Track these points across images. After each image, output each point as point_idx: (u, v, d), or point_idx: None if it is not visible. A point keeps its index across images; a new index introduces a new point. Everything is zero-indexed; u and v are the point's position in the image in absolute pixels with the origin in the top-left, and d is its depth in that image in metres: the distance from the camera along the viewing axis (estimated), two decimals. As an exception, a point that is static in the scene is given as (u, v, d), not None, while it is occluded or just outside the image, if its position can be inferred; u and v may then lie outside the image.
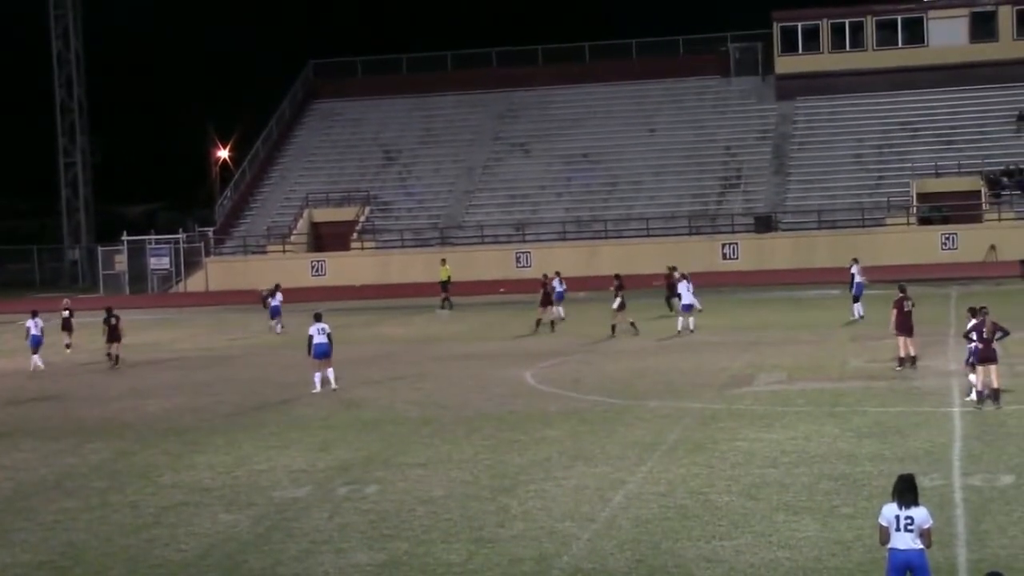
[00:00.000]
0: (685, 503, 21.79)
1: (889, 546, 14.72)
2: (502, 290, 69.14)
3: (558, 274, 54.01)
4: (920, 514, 14.68)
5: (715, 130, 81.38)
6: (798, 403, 31.10)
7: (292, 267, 74.79)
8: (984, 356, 29.67)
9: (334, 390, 35.31)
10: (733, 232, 72.40)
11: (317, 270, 76.67)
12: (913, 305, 35.89)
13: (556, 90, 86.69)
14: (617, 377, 37.01)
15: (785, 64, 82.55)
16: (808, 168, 76.88)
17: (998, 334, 29.76)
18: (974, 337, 29.90)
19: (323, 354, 35.47)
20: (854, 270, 49.59)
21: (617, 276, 49.26)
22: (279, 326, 53.87)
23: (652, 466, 24.69)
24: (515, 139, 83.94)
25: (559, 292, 52.62)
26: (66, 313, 49.66)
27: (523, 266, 71.87)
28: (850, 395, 31.88)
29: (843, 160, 76.61)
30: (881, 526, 14.82)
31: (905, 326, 35.57)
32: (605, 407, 31.83)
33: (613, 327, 47.07)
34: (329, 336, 35.41)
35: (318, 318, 35.81)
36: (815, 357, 39.31)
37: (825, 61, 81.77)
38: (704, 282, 57.92)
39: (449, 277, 64.33)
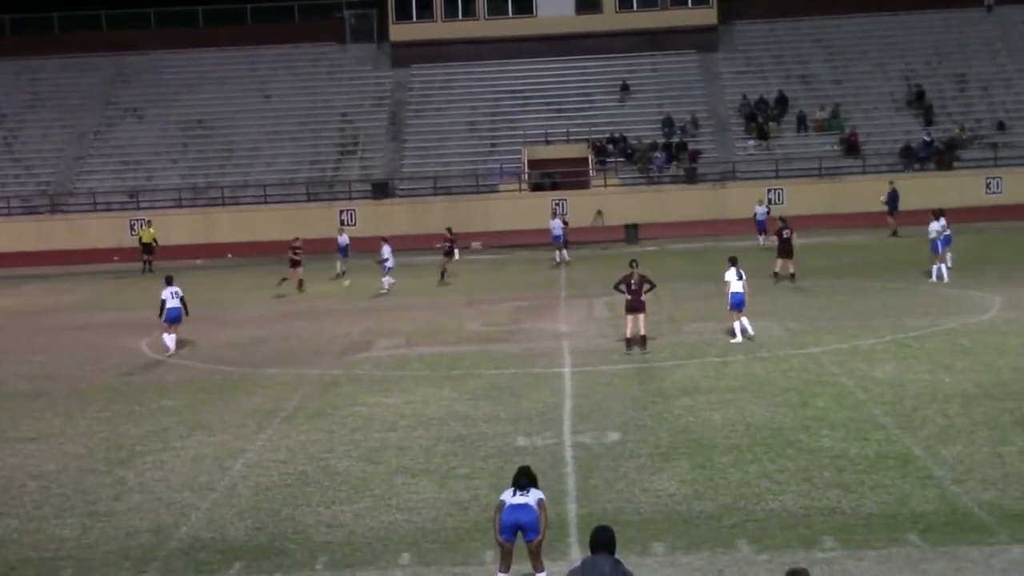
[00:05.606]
0: (305, 469, 21.93)
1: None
2: (116, 258, 67.53)
3: (384, 239, 49.44)
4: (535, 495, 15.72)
5: (331, 96, 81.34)
6: (416, 367, 31.63)
7: None
8: (632, 306, 31.38)
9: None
10: (351, 199, 72.66)
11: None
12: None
13: (169, 55, 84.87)
14: (236, 345, 36.79)
15: (400, 32, 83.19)
16: (424, 135, 77.78)
17: (646, 286, 31.43)
18: (623, 289, 31.56)
19: (175, 319, 35.14)
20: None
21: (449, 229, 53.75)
22: None
23: (272, 433, 24.73)
24: (128, 104, 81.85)
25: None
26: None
27: (137, 234, 70.30)
28: (466, 358, 32.60)
29: (457, 127, 77.82)
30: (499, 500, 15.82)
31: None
32: (223, 375, 31.63)
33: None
34: (182, 299, 35.23)
35: (169, 281, 35.79)
36: (433, 322, 39.96)
37: (439, 29, 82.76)
38: (324, 248, 58.02)
39: (154, 240, 64.39)
